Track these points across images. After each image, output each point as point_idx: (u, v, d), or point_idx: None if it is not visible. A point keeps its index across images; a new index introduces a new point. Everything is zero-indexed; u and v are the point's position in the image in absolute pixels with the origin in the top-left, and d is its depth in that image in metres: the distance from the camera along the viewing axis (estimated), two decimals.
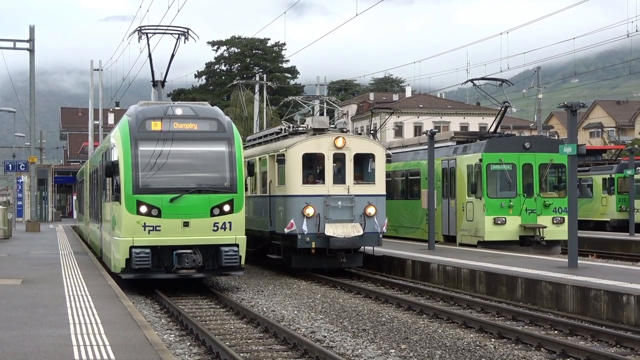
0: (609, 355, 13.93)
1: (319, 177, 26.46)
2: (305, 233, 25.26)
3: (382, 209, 26.43)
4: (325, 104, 32.20)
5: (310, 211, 25.39)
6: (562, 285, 19.66)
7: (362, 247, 26.89)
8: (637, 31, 38.36)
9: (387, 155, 29.10)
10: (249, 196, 28.92)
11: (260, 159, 29.17)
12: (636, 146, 67.14)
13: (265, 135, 31.41)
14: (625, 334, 16.08)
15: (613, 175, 50.71)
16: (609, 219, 50.19)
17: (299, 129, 28.40)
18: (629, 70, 56.96)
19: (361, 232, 25.38)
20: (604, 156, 56.42)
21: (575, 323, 17.19)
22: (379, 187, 26.72)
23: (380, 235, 26.39)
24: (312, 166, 26.81)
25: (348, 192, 25.88)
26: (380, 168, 26.90)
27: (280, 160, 26.78)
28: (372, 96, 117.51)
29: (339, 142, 25.91)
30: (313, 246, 25.55)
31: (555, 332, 16.95)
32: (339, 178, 26.13)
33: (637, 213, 46.20)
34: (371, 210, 25.86)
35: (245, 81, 57.14)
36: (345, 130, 27.79)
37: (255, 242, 28.99)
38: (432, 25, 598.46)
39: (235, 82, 54.46)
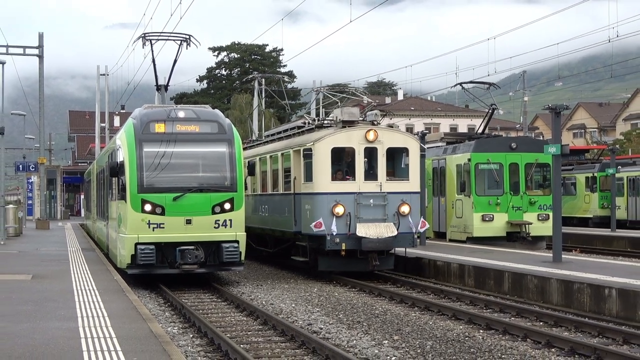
0: (591, 346, 13.94)
1: (349, 173, 23.66)
2: (335, 233, 22.43)
3: (416, 207, 23.75)
4: (353, 95, 29.32)
5: (339, 210, 22.70)
6: (547, 279, 19.69)
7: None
8: (617, 36, 38.39)
9: (421, 150, 26.05)
10: (268, 194, 27.66)
11: (282, 154, 26.31)
12: (617, 146, 67.39)
13: (286, 130, 28.61)
14: (608, 325, 16.10)
15: (595, 174, 50.80)
16: (591, 216, 50.29)
17: (325, 122, 25.72)
18: (611, 74, 57.09)
19: (395, 233, 22.66)
20: (586, 156, 56.52)
21: (559, 315, 17.21)
22: (414, 183, 23.96)
23: (415, 236, 23.83)
24: (341, 161, 23.97)
25: (380, 190, 23.17)
26: (414, 163, 24.04)
27: (307, 155, 23.86)
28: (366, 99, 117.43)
29: (371, 135, 23.22)
30: (343, 248, 22.73)
31: (541, 323, 16.96)
32: (370, 174, 23.46)
33: (618, 210, 46.30)
34: (405, 208, 23.17)
35: (262, 76, 56.02)
36: (376, 122, 24.35)
37: (276, 243, 27.68)
38: (423, 31, 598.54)
39: (252, 76, 52.56)
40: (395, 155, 24.22)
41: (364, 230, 22.35)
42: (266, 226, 27.86)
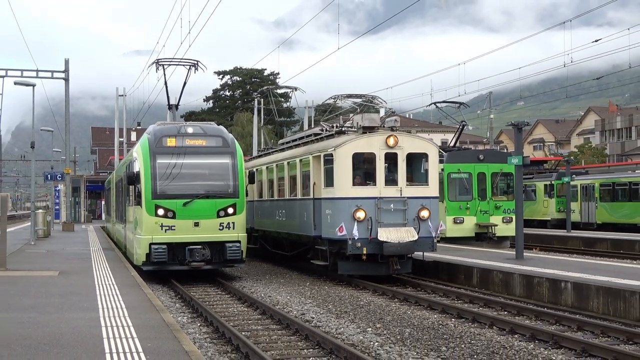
0: (550, 332, 13.98)
1: (369, 178, 21.41)
2: (356, 238, 20.36)
3: (435, 211, 21.48)
4: (369, 102, 26.05)
5: (361, 215, 20.47)
6: (511, 273, 19.73)
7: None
8: (572, 62, 38.57)
9: (440, 155, 24.09)
10: (285, 199, 25.54)
11: (301, 160, 23.92)
12: (572, 158, 67.52)
13: (302, 137, 26.28)
14: (564, 314, 16.14)
15: (553, 182, 50.95)
16: (549, 219, 50.43)
17: (343, 128, 23.29)
18: (566, 94, 57.30)
19: (416, 237, 20.52)
20: (545, 166, 56.70)
21: (521, 305, 17.25)
22: (433, 188, 21.69)
23: (435, 240, 21.47)
24: (362, 167, 21.60)
25: (401, 195, 20.99)
26: (433, 168, 21.85)
27: (328, 160, 21.55)
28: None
29: (391, 141, 21.06)
30: (364, 252, 20.56)
31: (505, 312, 17.00)
32: (390, 179, 21.22)
33: (573, 213, 46.42)
34: (425, 213, 20.98)
35: (268, 88, 55.92)
36: (395, 128, 22.22)
37: (292, 246, 25.92)
38: (402, 57, 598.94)
39: (263, 89, 51.52)
40: (414, 161, 22.01)
41: (385, 234, 20.31)
42: (283, 230, 25.94)
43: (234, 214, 22.42)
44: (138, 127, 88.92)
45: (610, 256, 29.67)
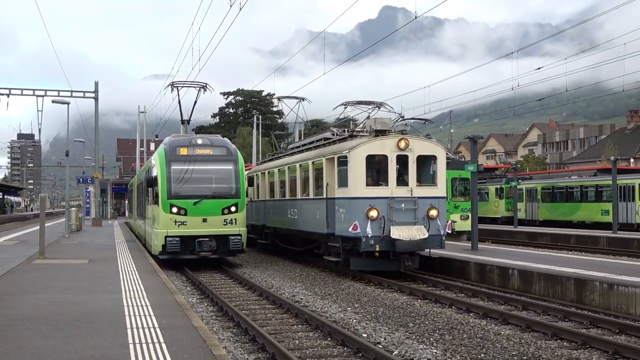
0: (499, 311, 14.01)
1: (381, 179, 19.45)
2: (370, 236, 18.54)
3: (443, 211, 19.57)
4: (378, 108, 23.09)
5: (374, 213, 18.58)
6: (467, 262, 19.78)
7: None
8: (518, 86, 38.72)
9: (447, 158, 22.07)
10: (297, 199, 23.47)
11: (313, 162, 21.91)
12: (518, 166, 67.73)
13: (312, 142, 24.18)
14: (511, 296, 16.19)
15: (503, 186, 51.19)
16: (499, 216, 50.64)
17: (354, 132, 21.36)
18: (513, 113, 57.46)
19: (426, 235, 18.66)
20: (496, 172, 56.89)
21: (476, 289, 17.28)
22: (440, 189, 19.61)
23: (443, 238, 19.49)
24: (374, 168, 19.59)
25: (411, 195, 19.03)
26: (441, 170, 19.71)
27: (342, 162, 19.56)
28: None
29: (403, 144, 19.12)
30: (377, 249, 18.75)
31: (462, 295, 17.01)
32: (401, 180, 19.29)
33: (519, 212, 46.69)
34: (434, 212, 19.06)
35: (279, 97, 56.26)
36: (405, 132, 20.56)
37: (303, 243, 24.13)
38: (376, 81, 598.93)
39: (280, 98, 50.97)
40: (424, 163, 19.85)
41: (397, 232, 18.49)
42: (294, 227, 23.94)
43: (236, 211, 22.40)
44: (156, 139, 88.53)
45: (550, 247, 29.80)
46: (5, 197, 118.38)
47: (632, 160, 78.47)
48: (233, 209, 22.35)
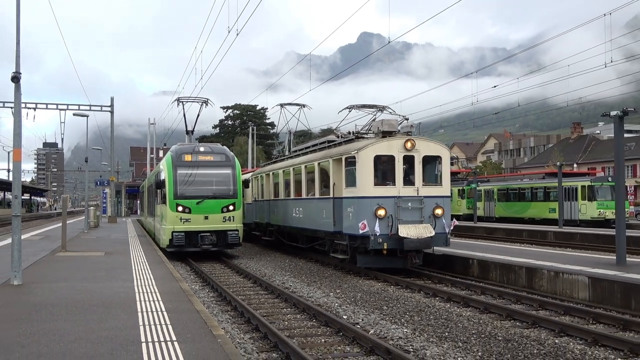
0: (461, 295, 14.03)
1: (389, 179, 17.52)
2: (378, 234, 16.75)
3: (448, 210, 17.79)
4: (382, 112, 20.83)
5: (382, 212, 16.85)
6: (434, 254, 19.79)
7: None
8: (477, 101, 38.96)
9: (451, 158, 19.63)
10: (302, 199, 21.73)
11: (319, 163, 20.09)
12: (477, 170, 68.00)
13: (315, 144, 22.41)
14: (471, 282, 16.23)
15: (464, 187, 51.37)
16: (462, 214, 50.79)
17: (359, 134, 19.50)
18: (473, 125, 57.78)
19: (433, 233, 16.92)
20: (458, 176, 57.14)
21: (441, 276, 17.28)
22: (445, 188, 17.93)
23: (448, 236, 17.75)
24: (381, 168, 17.62)
25: (417, 194, 17.34)
26: (446, 170, 18.07)
27: (350, 162, 17.80)
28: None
29: (409, 145, 17.44)
30: (385, 247, 16.92)
31: (429, 281, 17.02)
32: (408, 180, 17.50)
33: (478, 210, 46.84)
34: (439, 211, 17.44)
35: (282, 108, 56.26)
36: (410, 133, 18.81)
37: (308, 240, 22.52)
38: (355, 97, 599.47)
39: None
40: (429, 163, 18.01)
41: (405, 231, 16.76)
42: (299, 225, 22.28)
43: (234, 210, 22.36)
44: (164, 147, 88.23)
45: (505, 240, 29.90)
46: (32, 197, 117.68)
47: (575, 165, 79.12)
48: (231, 207, 22.31)
